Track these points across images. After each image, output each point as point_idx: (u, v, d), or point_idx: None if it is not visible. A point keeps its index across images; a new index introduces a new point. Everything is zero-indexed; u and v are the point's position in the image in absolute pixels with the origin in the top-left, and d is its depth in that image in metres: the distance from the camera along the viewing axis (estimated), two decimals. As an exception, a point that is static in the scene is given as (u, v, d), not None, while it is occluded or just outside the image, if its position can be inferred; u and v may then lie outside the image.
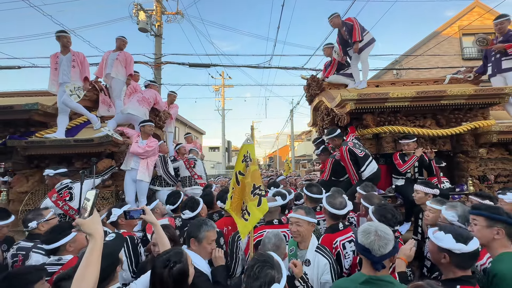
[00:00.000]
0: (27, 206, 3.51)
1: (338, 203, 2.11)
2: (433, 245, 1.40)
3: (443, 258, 1.34)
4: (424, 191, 2.50)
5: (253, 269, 1.20)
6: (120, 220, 2.34)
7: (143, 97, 4.27)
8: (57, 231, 1.80)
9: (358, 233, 1.39)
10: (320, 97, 4.67)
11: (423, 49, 12.07)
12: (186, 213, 2.55)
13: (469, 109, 3.81)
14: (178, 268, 1.28)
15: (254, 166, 1.82)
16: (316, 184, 2.78)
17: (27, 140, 3.50)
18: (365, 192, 2.85)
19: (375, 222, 1.45)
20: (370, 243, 1.30)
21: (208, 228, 1.76)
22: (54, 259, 1.75)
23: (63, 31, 3.84)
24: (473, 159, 3.75)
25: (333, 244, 1.97)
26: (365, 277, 1.32)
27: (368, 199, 2.38)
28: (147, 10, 9.64)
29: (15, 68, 10.02)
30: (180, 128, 19.33)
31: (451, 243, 1.31)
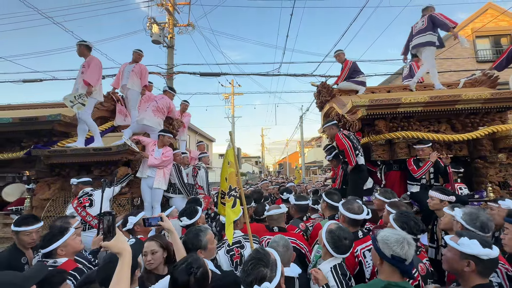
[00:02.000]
0: (48, 212, 3.67)
1: (356, 208, 2.09)
2: (455, 253, 1.33)
3: (467, 266, 1.28)
4: (439, 198, 2.44)
5: (247, 265, 1.24)
6: (136, 227, 2.40)
7: (158, 106, 4.42)
8: (49, 237, 1.88)
9: (388, 243, 1.33)
10: (330, 104, 4.67)
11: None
12: (184, 220, 2.53)
13: (486, 113, 3.72)
14: (201, 272, 1.33)
15: (231, 169, 1.85)
16: (337, 192, 2.73)
17: (50, 150, 3.69)
18: (387, 198, 2.77)
19: (398, 230, 1.42)
20: (405, 253, 1.29)
21: (205, 233, 1.82)
22: (51, 262, 1.83)
23: (81, 41, 3.99)
24: (492, 164, 3.63)
25: (355, 253, 1.94)
26: (384, 283, 1.31)
27: (396, 206, 2.29)
28: (160, 23, 10.03)
29: (37, 81, 10.60)
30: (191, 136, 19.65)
31: (478, 249, 1.26)
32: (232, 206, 1.91)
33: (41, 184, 3.86)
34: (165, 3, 9.83)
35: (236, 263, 2.12)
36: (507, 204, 1.90)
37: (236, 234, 2.24)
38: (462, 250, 1.29)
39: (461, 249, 1.30)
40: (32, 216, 2.28)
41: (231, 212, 1.89)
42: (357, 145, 3.51)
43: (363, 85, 4.76)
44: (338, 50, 5.03)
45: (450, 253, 1.36)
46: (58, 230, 1.95)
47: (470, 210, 1.78)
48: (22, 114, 4.17)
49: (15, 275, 1.25)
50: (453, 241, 1.36)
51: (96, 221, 2.92)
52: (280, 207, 2.48)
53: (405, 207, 2.30)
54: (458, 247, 1.31)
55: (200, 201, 3.13)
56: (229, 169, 1.90)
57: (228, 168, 1.90)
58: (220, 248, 2.15)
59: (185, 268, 1.36)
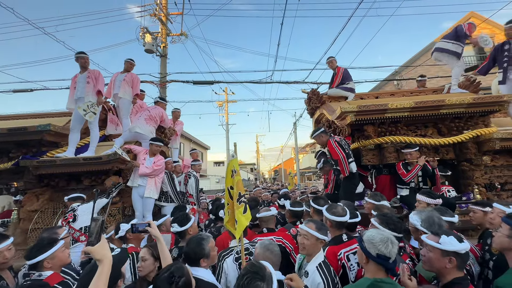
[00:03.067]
0: (36, 224, 3.59)
1: (340, 210, 2.13)
2: (436, 252, 1.39)
3: (449, 262, 1.35)
4: (426, 201, 2.50)
5: (242, 279, 1.21)
6: (128, 235, 2.38)
7: (150, 115, 4.43)
8: (36, 248, 1.82)
9: (374, 243, 1.38)
10: (321, 110, 4.76)
11: (422, 59, 12.26)
12: (175, 226, 2.53)
13: (469, 117, 3.84)
14: (183, 282, 1.31)
15: (238, 177, 1.92)
16: (324, 197, 2.79)
17: (39, 160, 3.63)
18: (376, 201, 2.85)
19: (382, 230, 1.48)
20: (390, 252, 1.35)
21: (207, 241, 1.80)
22: (36, 275, 1.76)
23: (82, 53, 4.07)
24: (478, 167, 3.74)
25: (338, 256, 1.96)
26: (370, 281, 1.35)
27: (379, 209, 2.38)
28: (153, 32, 10.12)
29: (28, 91, 10.48)
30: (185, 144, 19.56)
31: (457, 245, 1.35)
32: (244, 212, 1.93)
33: (29, 195, 3.79)
34: (158, 13, 9.95)
35: None
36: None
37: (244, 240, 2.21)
38: (444, 248, 1.36)
39: (443, 247, 1.37)
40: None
41: (243, 218, 1.90)
42: (349, 152, 3.57)
43: (352, 91, 4.89)
44: (330, 57, 5.17)
45: (432, 253, 1.41)
46: (47, 241, 1.88)
47: (426, 216, 1.84)
48: (11, 124, 4.12)
49: None
50: (434, 241, 1.41)
51: (78, 233, 2.87)
52: (270, 210, 2.55)
53: (388, 210, 2.36)
54: (440, 246, 1.38)
55: (185, 207, 3.12)
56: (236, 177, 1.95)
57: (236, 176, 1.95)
58: (228, 256, 2.11)
59: (167, 276, 1.34)
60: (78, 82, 4.01)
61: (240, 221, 1.91)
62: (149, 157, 3.93)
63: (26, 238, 3.52)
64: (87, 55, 4.09)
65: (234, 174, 1.92)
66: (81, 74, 4.04)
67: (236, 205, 1.95)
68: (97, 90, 4.00)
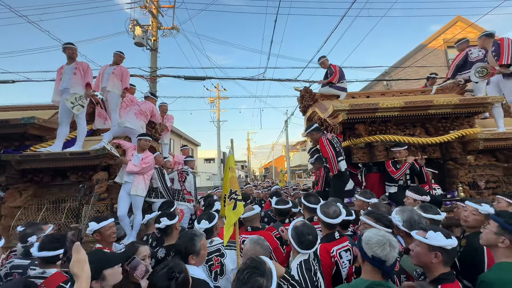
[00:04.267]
0: (19, 221, 3.45)
1: (331, 212, 2.10)
2: (423, 246, 1.42)
3: (434, 257, 1.38)
4: (413, 198, 2.58)
5: (242, 274, 1.20)
6: (96, 235, 2.22)
7: (140, 109, 4.32)
8: (56, 241, 1.77)
9: (370, 244, 1.35)
10: (313, 108, 4.80)
11: (411, 61, 12.55)
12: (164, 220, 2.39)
13: (455, 118, 3.97)
14: (183, 278, 1.31)
15: (233, 173, 1.90)
16: (314, 194, 2.81)
17: (22, 154, 3.48)
18: (366, 198, 2.91)
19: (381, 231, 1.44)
20: (386, 255, 1.31)
21: (199, 238, 1.78)
22: (38, 272, 1.69)
23: (69, 43, 3.94)
24: (462, 166, 3.88)
25: (331, 253, 1.97)
26: (368, 283, 1.32)
27: (376, 207, 2.38)
28: (143, 25, 9.86)
29: (9, 82, 10.01)
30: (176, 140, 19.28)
31: (444, 240, 1.37)
32: (233, 208, 1.91)
33: (12, 191, 3.63)
34: (149, 5, 9.69)
35: (216, 273, 2.01)
36: (486, 210, 1.96)
37: (214, 241, 2.17)
38: (430, 243, 1.39)
39: (429, 242, 1.39)
40: None
41: (232, 214, 1.88)
42: (340, 150, 3.61)
43: (344, 90, 4.95)
44: (322, 57, 5.20)
45: (419, 248, 1.45)
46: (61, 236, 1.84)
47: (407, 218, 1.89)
48: (-9, 117, 3.92)
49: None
50: (421, 236, 1.45)
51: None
52: (253, 209, 2.54)
53: (384, 208, 2.40)
54: (427, 240, 1.41)
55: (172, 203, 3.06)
56: (230, 173, 1.92)
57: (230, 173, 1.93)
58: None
59: (165, 272, 1.33)
60: (64, 73, 3.86)
61: (229, 217, 1.89)
62: (137, 153, 3.83)
63: (8, 235, 3.38)
64: (75, 46, 3.96)
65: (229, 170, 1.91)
66: (68, 66, 3.90)
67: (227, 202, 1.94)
68: (86, 83, 3.88)
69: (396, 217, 1.95)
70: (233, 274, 2.04)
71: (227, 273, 2.03)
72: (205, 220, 2.22)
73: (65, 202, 3.68)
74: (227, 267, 2.04)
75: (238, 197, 1.90)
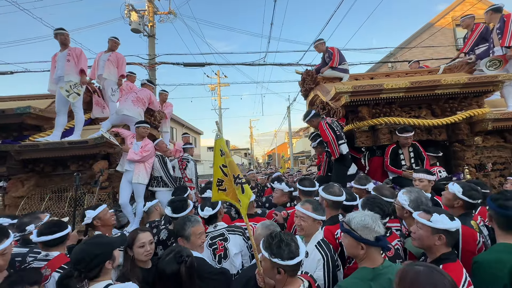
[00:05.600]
0: (23, 211, 3.49)
1: (337, 190, 2.14)
2: (426, 229, 1.39)
3: (438, 239, 1.36)
4: (427, 179, 2.56)
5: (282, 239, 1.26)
6: (96, 222, 2.24)
7: (138, 97, 4.23)
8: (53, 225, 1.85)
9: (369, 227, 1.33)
10: (315, 91, 4.66)
11: (417, 41, 12.09)
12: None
13: (463, 98, 3.81)
14: (191, 261, 1.35)
15: (229, 158, 1.81)
16: (309, 178, 2.81)
17: (20, 144, 3.46)
18: (361, 185, 2.85)
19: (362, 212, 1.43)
20: (381, 228, 1.34)
21: (192, 224, 1.79)
22: (43, 255, 1.75)
23: (60, 29, 3.81)
24: (469, 147, 3.77)
25: (335, 235, 1.98)
26: (372, 272, 1.29)
27: (379, 190, 2.32)
28: (139, 10, 9.56)
29: (8, 73, 9.92)
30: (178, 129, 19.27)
31: (448, 223, 1.35)
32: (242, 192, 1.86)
33: (14, 181, 3.65)
34: (144, -12, 9.34)
35: (220, 257, 2.05)
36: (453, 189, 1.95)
37: (219, 226, 2.20)
38: (435, 226, 1.36)
39: (434, 226, 1.37)
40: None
41: (243, 197, 1.79)
42: (340, 133, 3.52)
43: (346, 72, 4.77)
44: (318, 41, 4.92)
45: (422, 230, 1.41)
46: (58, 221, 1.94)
47: (415, 197, 1.87)
48: (-12, 107, 3.88)
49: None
50: (424, 219, 1.41)
51: None
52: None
53: (388, 191, 2.35)
54: (431, 224, 1.38)
55: (187, 189, 3.03)
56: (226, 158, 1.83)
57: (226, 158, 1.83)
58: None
59: (173, 257, 1.34)
60: (58, 60, 3.77)
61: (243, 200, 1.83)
62: (136, 141, 3.78)
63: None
64: (67, 31, 3.83)
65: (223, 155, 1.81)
66: (61, 52, 3.79)
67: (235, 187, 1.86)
68: (80, 69, 3.76)
69: (402, 196, 1.92)
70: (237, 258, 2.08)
71: (230, 257, 2.06)
72: (208, 207, 2.22)
73: (67, 192, 3.69)
74: (230, 251, 2.07)
75: (242, 180, 1.82)
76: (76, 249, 1.36)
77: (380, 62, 12.20)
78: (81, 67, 3.76)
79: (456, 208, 1.95)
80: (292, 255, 1.21)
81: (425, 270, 0.99)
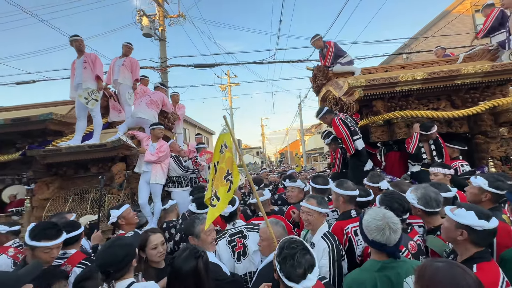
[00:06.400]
0: (49, 212, 3.67)
1: (351, 184, 2.17)
2: (450, 222, 1.38)
3: (460, 235, 1.32)
4: (442, 172, 2.46)
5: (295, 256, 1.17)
6: (121, 221, 2.35)
7: (151, 99, 4.34)
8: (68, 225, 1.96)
9: (369, 229, 1.35)
10: (327, 87, 4.58)
11: (433, 30, 11.58)
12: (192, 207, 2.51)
13: (486, 87, 3.62)
14: (206, 258, 1.38)
15: (229, 153, 1.77)
16: (322, 175, 2.79)
17: (45, 149, 3.64)
18: (373, 183, 2.74)
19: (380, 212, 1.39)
20: (387, 239, 1.30)
21: (201, 221, 1.81)
22: (60, 253, 1.83)
23: (75, 35, 3.94)
24: (493, 139, 3.57)
25: (344, 230, 1.97)
26: (379, 264, 1.32)
27: (398, 187, 2.26)
28: (149, 15, 9.77)
29: (31, 82, 10.48)
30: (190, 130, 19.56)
31: (473, 220, 1.30)
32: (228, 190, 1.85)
33: (40, 184, 3.85)
34: (153, -7, 9.54)
35: (239, 254, 2.05)
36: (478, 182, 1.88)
37: (237, 223, 2.21)
38: (457, 220, 1.33)
39: (456, 219, 1.34)
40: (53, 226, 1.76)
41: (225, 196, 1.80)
42: (355, 129, 3.45)
43: (352, 63, 4.63)
44: (314, 37, 4.74)
45: (447, 223, 1.41)
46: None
47: (422, 194, 1.81)
48: (15, 115, 4.11)
49: (7, 275, 1.25)
50: (451, 212, 1.40)
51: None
52: (263, 194, 2.55)
53: (407, 187, 2.26)
54: (454, 217, 1.35)
55: (204, 188, 3.07)
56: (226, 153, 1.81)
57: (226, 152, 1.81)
58: (221, 239, 2.10)
59: (189, 253, 1.34)
60: (76, 68, 3.92)
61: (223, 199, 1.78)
62: (152, 142, 3.88)
63: (40, 225, 3.62)
64: (81, 38, 3.95)
65: (225, 149, 1.79)
66: (78, 59, 3.94)
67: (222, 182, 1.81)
68: (95, 76, 3.90)
69: (410, 195, 1.88)
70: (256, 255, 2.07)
71: (249, 254, 2.07)
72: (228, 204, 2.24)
73: (89, 193, 3.85)
74: (250, 249, 2.08)
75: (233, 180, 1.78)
76: (103, 254, 1.41)
77: (394, 54, 11.81)
78: (96, 74, 3.88)
79: (484, 203, 1.86)
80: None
81: (445, 266, 0.94)
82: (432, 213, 1.80)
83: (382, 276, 1.27)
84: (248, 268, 2.02)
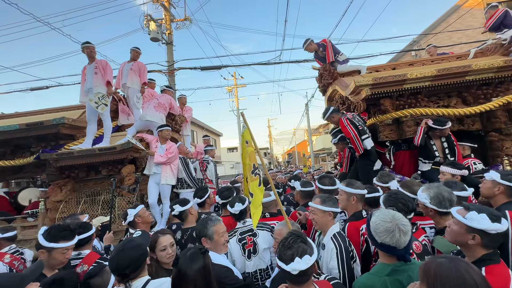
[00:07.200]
0: (62, 214, 3.78)
1: (360, 183, 2.16)
2: (461, 226, 1.29)
3: (472, 239, 1.26)
4: (450, 172, 2.38)
5: (287, 240, 1.29)
6: (137, 219, 2.38)
7: (159, 102, 4.41)
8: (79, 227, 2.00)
9: (377, 232, 1.31)
10: (333, 86, 4.53)
11: (443, 25, 11.30)
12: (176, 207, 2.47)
13: (499, 83, 3.51)
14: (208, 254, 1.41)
15: (251, 148, 1.80)
16: (329, 175, 2.75)
17: (58, 153, 3.76)
18: (383, 183, 2.69)
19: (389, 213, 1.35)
20: (396, 242, 1.26)
21: (214, 223, 1.82)
22: (74, 254, 1.88)
23: (87, 42, 4.06)
24: (508, 136, 3.46)
25: (360, 231, 1.93)
26: (390, 267, 1.28)
27: (408, 187, 2.17)
28: (156, 19, 9.94)
29: (44, 88, 10.84)
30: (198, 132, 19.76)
31: (487, 224, 1.22)
32: (259, 184, 1.87)
33: (53, 187, 3.97)
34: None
35: (249, 251, 2.10)
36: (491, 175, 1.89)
37: (247, 222, 2.23)
38: (470, 225, 1.25)
39: (468, 224, 1.26)
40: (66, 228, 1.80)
41: (258, 190, 1.82)
42: (363, 128, 3.40)
43: (348, 62, 4.56)
44: (305, 43, 4.65)
45: (456, 226, 1.32)
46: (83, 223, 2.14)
47: (434, 194, 1.77)
48: (29, 120, 4.26)
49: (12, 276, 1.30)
50: (460, 215, 1.31)
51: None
52: (270, 195, 2.52)
53: (418, 186, 2.21)
54: (466, 221, 1.27)
55: (207, 189, 3.10)
56: (248, 148, 1.84)
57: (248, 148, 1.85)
58: (232, 237, 2.14)
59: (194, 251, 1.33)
60: (87, 73, 4.03)
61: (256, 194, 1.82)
62: (161, 144, 3.95)
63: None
64: (93, 45, 4.07)
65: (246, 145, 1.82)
66: (89, 65, 4.06)
67: (252, 177, 1.85)
68: (106, 81, 4.01)
69: (422, 195, 1.83)
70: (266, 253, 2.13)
71: (259, 252, 2.11)
72: (238, 203, 2.28)
73: (100, 195, 3.94)
74: (260, 246, 2.12)
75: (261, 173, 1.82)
76: (118, 256, 1.42)
77: (402, 51, 11.58)
78: (107, 79, 3.99)
79: (497, 196, 1.86)
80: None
81: (447, 260, 0.94)
82: (445, 214, 1.76)
83: (393, 280, 1.23)
84: (259, 265, 2.07)
